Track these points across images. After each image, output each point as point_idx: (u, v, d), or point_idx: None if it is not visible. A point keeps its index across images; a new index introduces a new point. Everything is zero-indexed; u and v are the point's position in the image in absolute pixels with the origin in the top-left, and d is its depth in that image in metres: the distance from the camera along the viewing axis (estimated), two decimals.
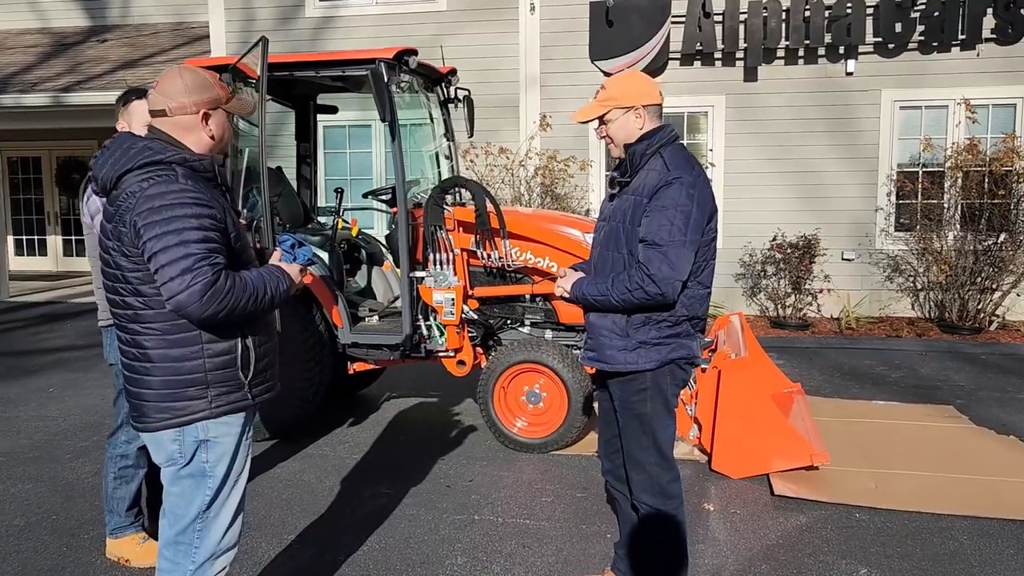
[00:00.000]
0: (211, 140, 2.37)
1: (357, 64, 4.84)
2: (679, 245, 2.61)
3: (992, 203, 8.66)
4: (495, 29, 9.94)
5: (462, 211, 5.12)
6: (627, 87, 2.79)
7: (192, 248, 2.16)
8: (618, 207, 2.81)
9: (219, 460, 2.39)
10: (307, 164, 6.30)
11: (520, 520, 4.02)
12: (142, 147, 2.28)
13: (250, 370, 2.38)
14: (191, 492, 2.39)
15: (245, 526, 3.91)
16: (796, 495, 4.19)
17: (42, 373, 7.22)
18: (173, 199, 2.18)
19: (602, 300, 2.75)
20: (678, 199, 2.63)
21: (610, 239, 2.82)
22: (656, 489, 2.83)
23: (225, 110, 2.39)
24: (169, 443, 2.35)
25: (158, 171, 2.23)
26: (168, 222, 2.16)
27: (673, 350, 2.76)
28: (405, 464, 4.83)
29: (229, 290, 2.20)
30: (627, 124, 2.79)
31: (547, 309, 5.24)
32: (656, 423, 2.81)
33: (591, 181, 9.84)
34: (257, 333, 2.41)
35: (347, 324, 5.14)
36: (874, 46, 9.20)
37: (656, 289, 2.62)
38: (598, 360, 2.84)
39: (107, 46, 12.43)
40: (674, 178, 2.64)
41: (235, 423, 2.40)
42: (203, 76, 2.35)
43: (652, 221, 2.65)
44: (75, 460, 4.93)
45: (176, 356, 2.27)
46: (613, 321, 2.77)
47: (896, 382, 6.69)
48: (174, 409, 2.30)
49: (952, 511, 4.00)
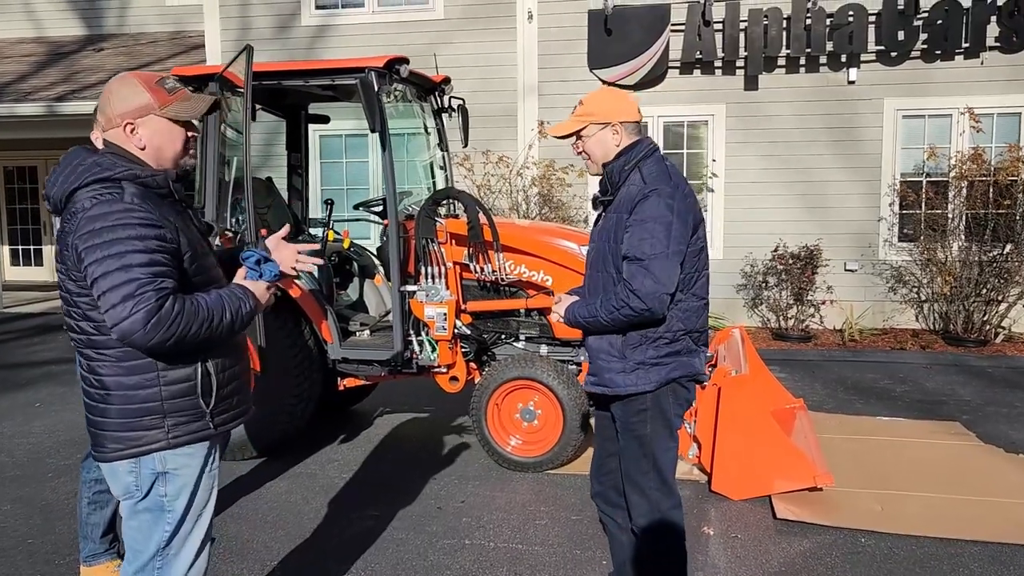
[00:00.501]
0: (142, 151, 2.20)
1: (346, 73, 4.72)
2: (662, 258, 2.56)
3: (997, 213, 8.53)
4: (493, 37, 9.84)
5: (454, 223, 4.99)
6: (604, 103, 2.76)
7: (135, 272, 2.01)
8: (603, 227, 2.78)
9: (178, 494, 2.23)
10: (298, 175, 6.17)
11: (512, 545, 3.87)
12: (91, 163, 2.13)
13: (211, 398, 2.22)
14: (149, 527, 2.23)
15: (226, 550, 3.80)
16: (799, 518, 4.04)
17: (30, 387, 7.09)
18: (116, 220, 2.03)
19: (592, 321, 2.70)
20: (656, 211, 2.58)
21: (598, 259, 2.78)
22: (655, 515, 2.73)
23: (162, 116, 2.21)
24: (125, 474, 2.20)
25: (102, 190, 2.08)
26: (109, 245, 2.02)
27: (673, 369, 2.69)
28: (395, 484, 4.69)
29: (176, 316, 2.03)
30: (604, 140, 2.75)
31: (542, 324, 5.10)
32: (656, 445, 2.73)
33: (589, 190, 9.72)
34: (220, 357, 2.26)
35: (337, 339, 5.01)
36: (876, 54, 9.08)
37: (642, 304, 2.55)
38: (599, 384, 2.78)
39: (103, 55, 12.35)
40: (651, 191, 2.60)
41: (196, 454, 2.25)
42: (131, 85, 2.19)
43: (632, 236, 2.60)
44: (56, 479, 4.79)
45: (131, 384, 2.13)
46: (609, 343, 2.71)
47: (901, 396, 6.54)
48: (129, 439, 2.16)
49: (961, 535, 3.85)
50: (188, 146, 2.31)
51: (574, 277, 4.82)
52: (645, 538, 2.77)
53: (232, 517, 4.21)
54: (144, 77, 2.23)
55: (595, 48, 9.54)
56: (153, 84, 2.22)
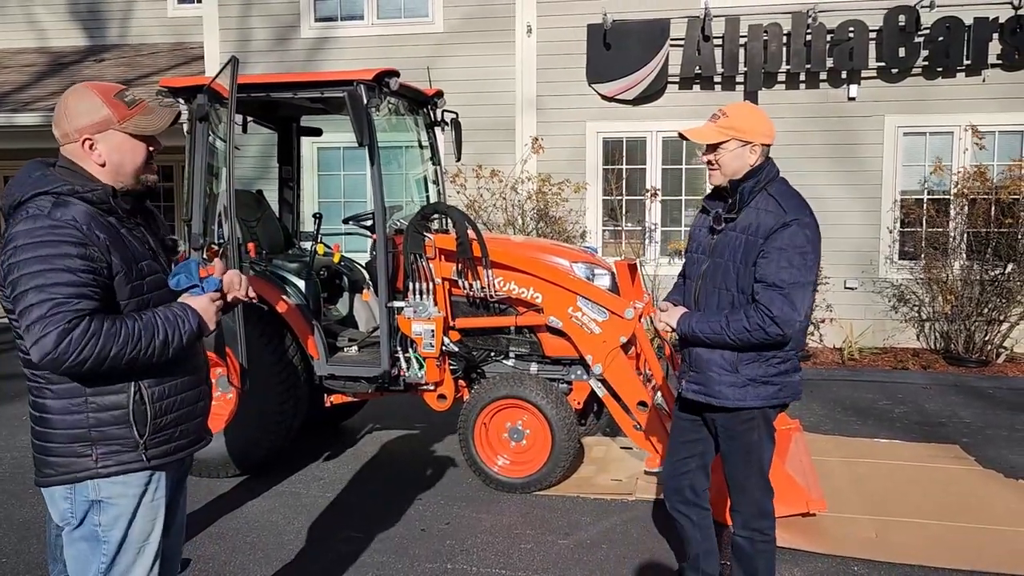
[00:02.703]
0: (101, 168, 2.12)
1: (335, 86, 4.65)
2: (800, 287, 2.69)
3: (999, 232, 8.43)
4: (491, 51, 9.80)
5: (443, 238, 4.92)
6: (750, 120, 2.84)
7: (49, 292, 1.92)
8: (724, 243, 2.85)
9: (113, 524, 2.12)
10: (289, 187, 6.11)
11: (496, 570, 3.77)
12: (37, 177, 2.06)
13: (146, 427, 2.10)
14: (86, 557, 2.13)
15: (201, 572, 3.71)
16: (791, 545, 3.93)
17: (18, 399, 7.01)
18: (39, 236, 1.95)
19: (716, 338, 2.79)
20: (796, 241, 2.69)
21: (716, 274, 2.85)
22: (756, 511, 2.96)
23: (122, 131, 2.12)
24: (61, 500, 2.11)
25: (31, 205, 2.01)
26: (30, 263, 1.94)
27: (779, 391, 2.85)
28: (380, 504, 4.59)
29: (91, 337, 1.92)
30: (742, 157, 2.83)
31: (532, 341, 5.02)
32: (763, 451, 2.94)
33: (586, 204, 9.65)
34: (161, 384, 2.13)
35: (323, 355, 4.93)
36: (877, 71, 9.01)
37: (777, 330, 2.69)
38: (706, 395, 2.89)
39: (104, 65, 12.35)
40: (792, 220, 2.71)
41: (133, 483, 2.13)
42: (88, 97, 2.11)
43: (771, 263, 2.70)
44: (35, 496, 4.69)
45: (59, 408, 2.05)
46: (722, 356, 2.82)
47: (899, 418, 6.43)
48: (61, 465, 2.07)
49: (956, 565, 3.74)
50: (150, 161, 2.23)
51: (565, 295, 4.75)
52: (745, 532, 2.98)
53: (210, 537, 4.12)
54: (102, 89, 2.15)
55: (594, 62, 9.49)
56: (112, 97, 2.13)
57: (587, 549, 3.98)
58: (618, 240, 9.88)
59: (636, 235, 9.74)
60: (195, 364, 2.29)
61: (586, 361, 4.73)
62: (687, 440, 3.10)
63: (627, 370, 4.64)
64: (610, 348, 4.62)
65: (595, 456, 5.35)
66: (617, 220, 9.80)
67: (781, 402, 2.87)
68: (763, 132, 2.83)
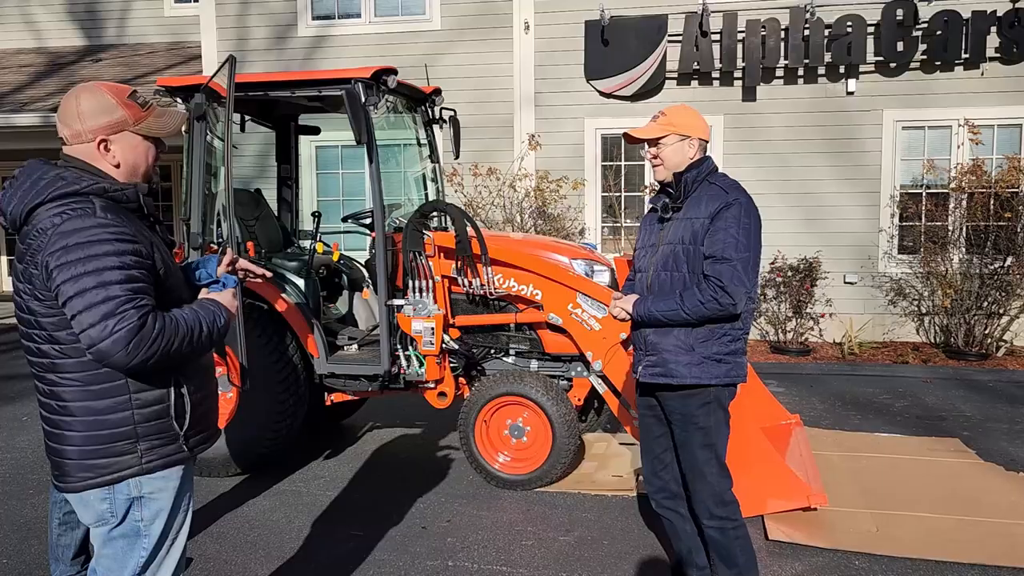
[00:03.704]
0: (116, 169, 2.13)
1: (332, 84, 4.65)
2: (747, 259, 2.87)
3: (998, 225, 8.43)
4: (489, 48, 9.80)
5: (442, 236, 4.91)
6: (687, 118, 3.05)
7: (113, 290, 1.93)
8: (674, 231, 3.01)
9: (155, 518, 2.15)
10: (288, 186, 6.10)
11: (497, 567, 3.77)
12: (53, 177, 2.04)
13: (186, 420, 2.15)
14: (124, 554, 2.15)
15: (202, 572, 3.71)
16: (791, 540, 3.94)
17: (19, 400, 7.01)
18: (91, 236, 1.95)
19: (672, 315, 2.93)
20: (740, 217, 2.89)
21: (668, 259, 3.00)
22: (716, 498, 3.02)
23: (136, 133, 2.14)
24: (98, 502, 2.11)
25: (72, 204, 2.00)
26: (85, 262, 1.94)
27: (732, 370, 2.98)
28: (381, 502, 4.59)
29: (159, 334, 1.97)
30: (681, 150, 3.03)
31: (532, 338, 5.01)
32: (718, 435, 3.02)
33: (584, 201, 9.65)
34: (193, 379, 2.19)
35: (323, 354, 4.93)
36: (875, 65, 9.01)
37: (729, 300, 2.84)
38: (663, 375, 2.99)
39: (101, 65, 12.34)
40: (733, 200, 2.91)
41: (172, 477, 2.17)
42: (102, 97, 2.10)
43: (717, 239, 2.88)
44: (36, 496, 4.70)
45: (101, 408, 2.05)
46: (677, 337, 2.96)
47: (900, 412, 6.43)
48: (99, 467, 2.07)
49: (958, 558, 3.74)
50: (156, 161, 2.26)
51: (565, 291, 4.74)
52: (713, 522, 3.04)
53: (211, 537, 4.12)
54: (115, 90, 2.15)
55: (592, 59, 9.48)
56: (126, 98, 2.14)
57: (588, 545, 3.99)
58: (617, 236, 9.88)
59: (635, 231, 9.73)
60: (211, 359, 2.36)
61: (586, 358, 4.73)
62: (657, 436, 3.20)
63: (627, 366, 4.64)
64: (610, 344, 4.62)
65: (596, 452, 5.36)
66: (616, 216, 9.80)
67: (732, 381, 2.99)
68: (699, 128, 3.04)
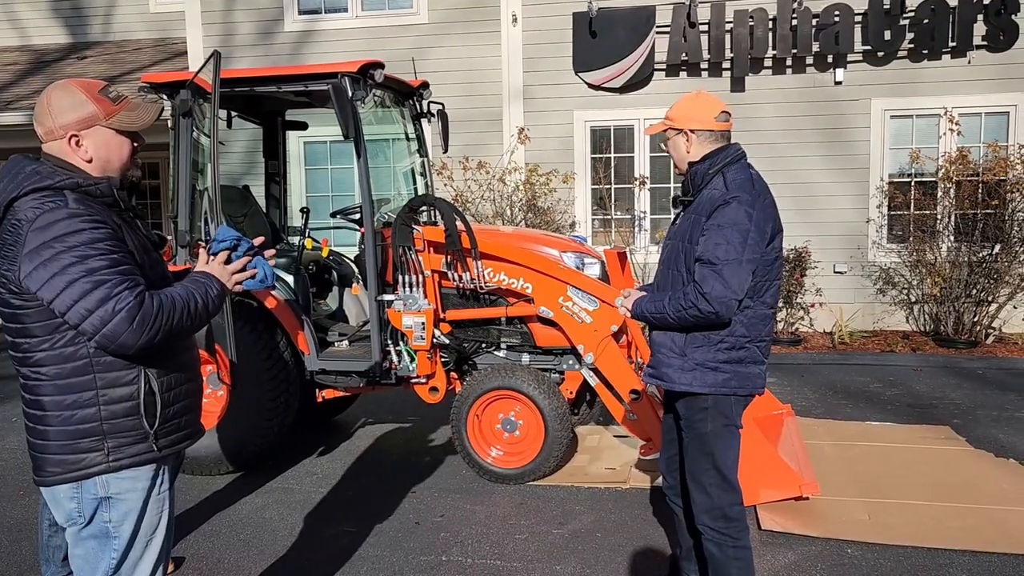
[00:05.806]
0: (88, 164, 2.11)
1: (319, 78, 4.62)
2: (734, 264, 2.63)
3: (986, 213, 8.46)
4: (477, 41, 9.76)
5: (432, 230, 4.89)
6: (681, 110, 2.89)
7: (103, 275, 1.94)
8: (681, 226, 2.88)
9: (123, 519, 2.12)
10: (276, 182, 6.07)
11: (490, 561, 3.77)
12: (30, 171, 2.03)
13: (156, 418, 2.11)
14: (95, 555, 2.12)
15: (195, 571, 3.70)
16: (784, 529, 3.95)
17: (8, 401, 6.96)
18: (67, 227, 1.95)
19: (659, 317, 2.81)
20: (735, 218, 2.66)
21: (671, 258, 2.89)
22: (717, 512, 2.85)
23: (108, 127, 2.12)
24: (67, 500, 2.10)
25: (45, 198, 1.99)
26: (65, 253, 1.93)
27: (730, 379, 2.76)
28: (374, 498, 4.58)
29: (159, 310, 1.99)
30: (677, 146, 2.89)
31: (523, 332, 5.00)
32: (717, 443, 2.82)
33: (574, 194, 9.63)
34: (167, 375, 2.15)
35: (314, 350, 4.91)
36: (863, 54, 9.02)
37: (709, 307, 2.64)
38: (656, 377, 2.91)
39: (87, 63, 12.22)
40: (732, 197, 2.69)
41: (141, 477, 2.14)
42: (73, 94, 2.09)
43: (708, 240, 2.69)
44: (26, 497, 4.67)
45: (68, 403, 2.03)
46: (672, 339, 2.83)
47: (891, 400, 6.46)
48: (67, 462, 2.05)
49: (950, 545, 3.76)
50: (134, 156, 2.23)
51: (555, 284, 4.73)
52: (708, 536, 2.87)
53: (204, 535, 4.10)
54: (86, 85, 2.14)
55: (580, 51, 9.46)
56: (96, 93, 2.12)
57: (581, 538, 3.99)
58: (607, 229, 9.87)
59: (625, 223, 9.74)
60: (192, 356, 2.31)
61: (578, 350, 4.72)
62: (672, 437, 3.10)
63: (619, 359, 4.64)
64: (601, 337, 4.61)
65: (588, 445, 5.36)
66: (606, 209, 9.79)
67: (732, 392, 2.77)
68: (695, 119, 2.84)
